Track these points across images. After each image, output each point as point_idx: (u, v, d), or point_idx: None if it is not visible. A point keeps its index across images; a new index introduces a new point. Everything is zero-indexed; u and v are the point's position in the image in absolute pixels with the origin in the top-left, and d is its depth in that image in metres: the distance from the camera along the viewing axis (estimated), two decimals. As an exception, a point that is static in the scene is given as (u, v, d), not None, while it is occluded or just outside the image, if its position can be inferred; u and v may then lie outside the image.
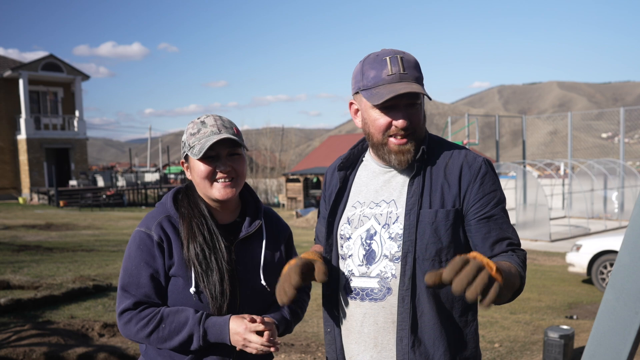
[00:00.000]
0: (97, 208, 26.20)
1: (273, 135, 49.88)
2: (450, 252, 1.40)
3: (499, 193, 1.44)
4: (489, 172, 1.45)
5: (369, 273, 1.46)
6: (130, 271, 1.56)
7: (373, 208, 1.49)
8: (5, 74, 28.42)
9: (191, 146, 1.57)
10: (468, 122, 20.04)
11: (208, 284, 1.52)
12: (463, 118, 21.30)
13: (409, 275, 1.39)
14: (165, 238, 1.56)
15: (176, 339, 1.50)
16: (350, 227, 1.52)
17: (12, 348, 4.16)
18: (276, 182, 37.52)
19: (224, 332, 1.50)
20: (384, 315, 1.43)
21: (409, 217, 1.41)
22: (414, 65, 1.43)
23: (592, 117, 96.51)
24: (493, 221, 1.41)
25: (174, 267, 1.55)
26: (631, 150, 40.85)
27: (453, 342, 1.42)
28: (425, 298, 1.39)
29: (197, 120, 1.60)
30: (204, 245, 1.54)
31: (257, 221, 1.66)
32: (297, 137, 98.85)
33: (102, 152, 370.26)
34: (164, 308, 1.54)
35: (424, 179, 1.44)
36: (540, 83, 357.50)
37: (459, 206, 1.42)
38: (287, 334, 1.73)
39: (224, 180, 1.58)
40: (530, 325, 5.62)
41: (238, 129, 1.62)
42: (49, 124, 29.73)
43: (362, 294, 1.46)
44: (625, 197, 17.72)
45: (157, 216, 1.60)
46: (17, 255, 9.62)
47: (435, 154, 1.48)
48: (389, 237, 1.44)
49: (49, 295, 5.97)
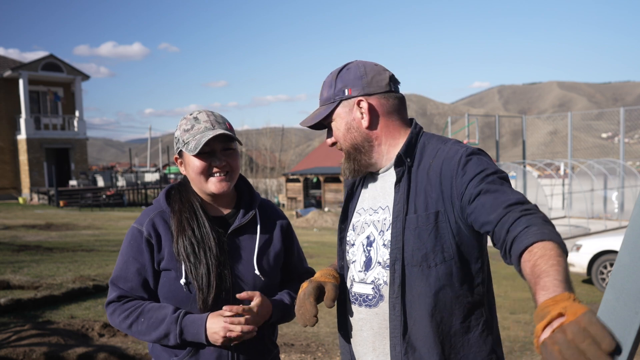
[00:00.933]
0: (97, 208, 26.20)
1: (273, 135, 49.89)
2: (437, 256, 1.36)
3: (489, 169, 1.32)
4: (472, 158, 1.35)
5: (365, 279, 1.48)
6: (120, 265, 1.64)
7: (372, 215, 1.50)
8: (5, 74, 28.42)
9: (185, 142, 1.59)
10: (468, 122, 20.05)
11: (197, 276, 1.56)
12: (463, 118, 21.32)
13: (398, 283, 1.38)
14: (154, 234, 1.61)
15: (153, 334, 1.56)
16: (354, 233, 1.54)
17: (12, 348, 4.16)
18: (276, 182, 37.54)
19: (200, 331, 1.53)
20: (378, 321, 1.44)
21: (396, 224, 1.41)
22: (326, 87, 1.52)
23: (592, 117, 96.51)
24: (484, 194, 1.28)
25: (164, 261, 1.60)
26: (631, 150, 40.85)
27: (451, 349, 1.38)
28: (417, 305, 1.37)
29: (190, 116, 1.63)
30: (193, 239, 1.58)
31: (251, 212, 1.69)
32: (297, 137, 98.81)
33: (102, 152, 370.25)
34: (146, 303, 1.60)
35: (408, 184, 1.42)
36: (540, 83, 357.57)
37: (442, 208, 1.36)
38: (288, 321, 1.75)
39: (219, 174, 1.61)
40: (530, 325, 5.62)
41: (230, 124, 1.66)
42: (49, 124, 29.73)
43: (360, 300, 1.48)
44: (625, 197, 17.72)
45: (151, 212, 1.66)
46: (17, 255, 9.62)
47: (423, 155, 1.45)
48: (383, 244, 1.44)
49: (49, 295, 5.98)
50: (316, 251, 11.29)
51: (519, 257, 1.14)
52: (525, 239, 1.13)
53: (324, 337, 5.07)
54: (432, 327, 1.37)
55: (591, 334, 0.77)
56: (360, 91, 1.46)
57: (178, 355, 1.59)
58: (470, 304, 1.41)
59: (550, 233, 1.13)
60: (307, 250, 4.11)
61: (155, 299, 1.65)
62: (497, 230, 1.23)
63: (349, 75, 1.48)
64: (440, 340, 1.37)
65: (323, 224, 20.78)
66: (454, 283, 1.38)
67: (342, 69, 1.50)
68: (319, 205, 29.66)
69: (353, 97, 1.47)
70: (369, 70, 1.48)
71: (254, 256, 1.65)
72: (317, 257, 10.09)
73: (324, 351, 4.63)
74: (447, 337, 1.38)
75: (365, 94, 1.46)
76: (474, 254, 1.41)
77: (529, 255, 1.10)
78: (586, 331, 0.78)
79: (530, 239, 1.12)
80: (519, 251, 1.13)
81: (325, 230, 19.27)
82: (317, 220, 21.19)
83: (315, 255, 10.41)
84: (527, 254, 1.11)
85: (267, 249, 1.70)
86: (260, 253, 1.67)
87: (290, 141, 55.75)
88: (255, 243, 1.67)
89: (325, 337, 5.07)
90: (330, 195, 29.22)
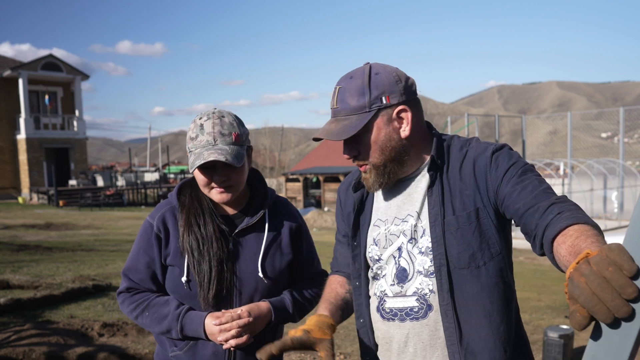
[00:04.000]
0: (96, 208, 26.18)
1: (272, 134, 49.86)
2: (485, 254, 1.33)
3: (520, 162, 1.32)
4: (502, 152, 1.35)
5: (404, 292, 1.39)
6: (132, 256, 1.68)
7: (399, 225, 1.42)
8: (4, 73, 28.40)
9: (190, 151, 1.58)
10: (468, 122, 20.04)
11: (198, 273, 1.57)
12: (463, 118, 21.31)
13: (446, 289, 1.33)
14: (163, 229, 1.63)
15: (157, 328, 1.61)
16: (378, 247, 1.44)
17: (12, 348, 4.15)
18: (276, 181, 37.51)
19: (199, 329, 1.55)
20: (428, 332, 1.36)
21: (435, 228, 1.35)
22: (354, 94, 1.34)
23: (592, 116, 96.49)
24: (516, 185, 1.27)
25: (170, 256, 1.62)
26: (631, 150, 40.85)
27: (509, 346, 1.34)
28: (471, 307, 1.33)
29: (198, 121, 1.57)
30: (198, 235, 1.58)
31: (260, 213, 1.66)
32: (296, 136, 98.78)
33: (102, 152, 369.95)
34: (152, 297, 1.64)
35: (442, 187, 1.37)
36: (539, 83, 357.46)
37: (481, 204, 1.33)
38: (294, 322, 1.73)
39: (220, 187, 1.59)
40: (530, 325, 5.61)
41: (238, 133, 1.58)
42: (48, 124, 29.71)
43: (401, 314, 1.39)
44: (625, 197, 17.72)
45: (163, 207, 1.68)
46: (17, 254, 9.61)
47: (450, 157, 1.41)
48: (420, 252, 1.37)
49: (49, 295, 5.97)
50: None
51: (551, 241, 1.10)
52: (559, 223, 1.11)
53: None
54: (491, 327, 1.33)
55: (613, 259, 0.77)
56: (399, 98, 1.35)
57: (177, 345, 1.63)
58: (514, 298, 1.40)
59: (584, 217, 1.11)
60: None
61: (164, 292, 1.67)
62: (528, 218, 1.21)
63: (383, 81, 1.34)
64: (500, 339, 1.33)
65: (323, 224, 20.77)
66: (505, 277, 1.35)
67: (370, 74, 1.35)
68: (318, 205, 29.65)
69: (393, 105, 1.35)
70: (401, 75, 1.37)
71: (258, 258, 1.64)
72: (316, 257, 10.03)
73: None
74: (505, 335, 1.35)
75: (404, 101, 1.36)
76: (510, 244, 1.41)
77: (563, 237, 1.07)
78: (609, 258, 0.77)
79: (565, 223, 1.09)
80: (553, 235, 1.10)
81: (325, 230, 19.26)
82: (316, 220, 21.19)
83: (315, 255, 10.34)
84: (562, 236, 1.08)
85: (274, 251, 1.68)
86: (265, 255, 1.65)
87: (290, 141, 55.71)
88: (262, 245, 1.66)
89: (325, 336, 5.06)
90: (330, 195, 29.20)
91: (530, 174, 1.30)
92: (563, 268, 1.04)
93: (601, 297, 0.76)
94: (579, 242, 1.00)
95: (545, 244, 1.13)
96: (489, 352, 1.32)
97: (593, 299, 0.77)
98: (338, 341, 4.92)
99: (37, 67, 29.10)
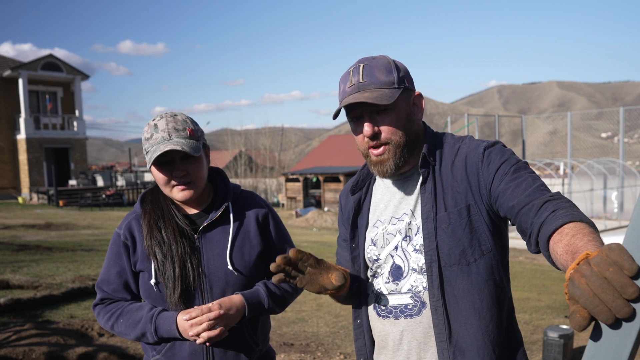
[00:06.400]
0: (96, 208, 26.19)
1: (272, 134, 49.83)
2: (475, 251, 1.32)
3: (512, 158, 1.32)
4: (495, 149, 1.35)
5: (399, 289, 1.40)
6: (103, 269, 1.71)
7: (395, 224, 1.43)
8: (4, 73, 28.39)
9: (146, 151, 1.58)
10: (468, 121, 20.03)
11: (164, 274, 1.58)
12: (463, 118, 21.30)
13: (437, 285, 1.33)
14: (130, 237, 1.66)
15: (132, 334, 1.62)
16: (376, 247, 1.46)
17: (12, 348, 4.16)
18: (276, 181, 37.50)
19: (172, 327, 1.56)
20: (422, 330, 1.37)
21: (427, 225, 1.35)
22: (382, 70, 1.34)
23: (592, 116, 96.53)
24: (510, 182, 1.27)
25: (139, 262, 1.65)
26: (631, 150, 40.86)
27: (498, 345, 1.33)
28: (461, 304, 1.32)
29: (152, 123, 1.58)
30: (159, 237, 1.60)
31: (222, 207, 1.67)
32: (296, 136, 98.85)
33: (102, 152, 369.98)
34: (126, 304, 1.66)
35: (434, 183, 1.37)
36: (539, 83, 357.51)
37: (472, 201, 1.32)
38: (275, 314, 1.74)
39: (180, 184, 1.59)
40: (530, 325, 5.62)
41: (193, 129, 1.60)
42: (48, 124, 29.71)
43: (396, 312, 1.40)
44: (625, 197, 17.72)
45: (129, 217, 1.71)
46: (17, 254, 9.61)
47: (442, 153, 1.41)
48: (414, 250, 1.38)
49: (49, 294, 5.98)
50: (316, 251, 11.25)
51: (547, 240, 1.09)
52: (554, 221, 1.09)
53: (323, 336, 5.07)
54: (480, 325, 1.32)
55: (613, 260, 0.76)
56: (413, 86, 1.41)
57: (156, 349, 1.64)
58: (507, 296, 1.39)
59: (579, 214, 1.09)
60: (306, 250, 4.13)
61: (139, 299, 1.70)
62: (523, 216, 1.20)
63: (403, 67, 1.40)
64: (489, 337, 1.33)
65: (323, 224, 20.77)
66: (495, 276, 1.35)
67: (392, 60, 1.39)
68: (318, 205, 29.65)
69: (412, 90, 1.40)
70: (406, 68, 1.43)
71: (226, 252, 1.64)
72: (316, 257, 10.01)
73: (323, 351, 4.63)
74: (495, 334, 1.34)
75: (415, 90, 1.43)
76: (505, 243, 1.40)
77: (559, 236, 1.05)
78: (609, 258, 0.77)
79: (560, 221, 1.08)
80: (549, 233, 1.09)
81: (325, 229, 19.26)
82: (316, 220, 21.18)
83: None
84: (558, 235, 1.06)
85: (242, 243, 1.67)
86: (232, 247, 1.65)
87: (290, 141, 55.69)
88: (229, 238, 1.65)
89: (325, 336, 5.07)
90: (330, 195, 29.20)
91: (524, 171, 1.28)
92: (560, 267, 1.04)
93: (602, 298, 0.76)
94: (575, 241, 0.99)
95: (541, 242, 1.13)
96: (477, 349, 1.31)
97: (594, 300, 0.76)
98: (338, 341, 4.93)
99: (37, 67, 29.09)
